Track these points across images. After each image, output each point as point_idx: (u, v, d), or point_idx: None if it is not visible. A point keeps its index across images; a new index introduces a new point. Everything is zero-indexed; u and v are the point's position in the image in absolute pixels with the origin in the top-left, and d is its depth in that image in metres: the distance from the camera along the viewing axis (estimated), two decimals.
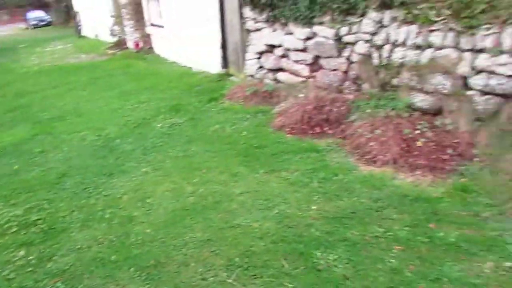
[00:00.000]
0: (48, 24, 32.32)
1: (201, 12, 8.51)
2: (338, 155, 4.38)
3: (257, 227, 3.27)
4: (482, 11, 3.74)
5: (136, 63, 11.02)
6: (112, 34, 14.30)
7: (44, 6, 34.01)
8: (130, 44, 13.08)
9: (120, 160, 4.85)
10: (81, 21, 20.20)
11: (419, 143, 3.91)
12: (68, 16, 26.91)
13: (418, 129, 4.11)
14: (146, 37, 12.24)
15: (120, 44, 13.83)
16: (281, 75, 6.50)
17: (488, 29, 3.74)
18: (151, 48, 12.20)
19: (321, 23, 5.54)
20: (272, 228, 3.24)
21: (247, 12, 6.97)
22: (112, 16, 14.31)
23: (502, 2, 3.61)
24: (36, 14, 33.43)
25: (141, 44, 12.35)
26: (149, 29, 11.95)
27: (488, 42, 3.76)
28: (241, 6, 7.09)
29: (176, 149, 4.99)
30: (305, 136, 4.90)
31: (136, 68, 10.44)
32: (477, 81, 3.89)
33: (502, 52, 3.67)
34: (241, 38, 7.38)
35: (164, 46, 11.22)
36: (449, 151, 3.79)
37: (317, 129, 4.95)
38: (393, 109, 4.44)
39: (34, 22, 32.14)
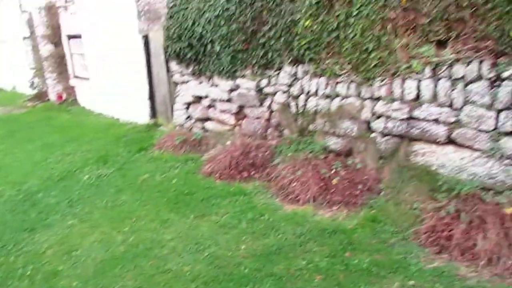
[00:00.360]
0: None
1: (129, 65, 8.69)
2: (264, 196, 4.67)
3: (189, 270, 3.37)
4: (375, 66, 4.42)
5: (59, 115, 10.70)
6: (32, 87, 13.78)
7: None
8: (53, 97, 12.68)
9: (43, 214, 4.69)
10: None
11: (334, 182, 4.36)
12: None
13: (333, 169, 4.57)
14: (70, 89, 12.00)
15: (41, 96, 13.34)
16: (209, 124, 6.81)
17: (382, 80, 4.42)
18: (75, 100, 11.94)
19: (243, 76, 6.02)
20: (203, 270, 3.36)
21: (174, 66, 7.32)
22: (32, 68, 13.87)
23: (390, 59, 4.31)
24: None
25: (64, 96, 12.05)
26: (73, 81, 11.77)
27: (382, 91, 4.42)
28: (167, 61, 7.42)
29: (104, 200, 4.95)
30: (233, 181, 5.16)
31: (59, 120, 10.13)
32: (377, 125, 4.50)
33: (394, 100, 4.33)
34: (169, 89, 7.65)
35: (90, 98, 11.07)
36: (360, 187, 4.27)
37: (245, 174, 5.24)
38: (311, 152, 4.90)
39: None
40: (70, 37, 11.22)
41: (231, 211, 4.38)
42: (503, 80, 3.60)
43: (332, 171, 4.55)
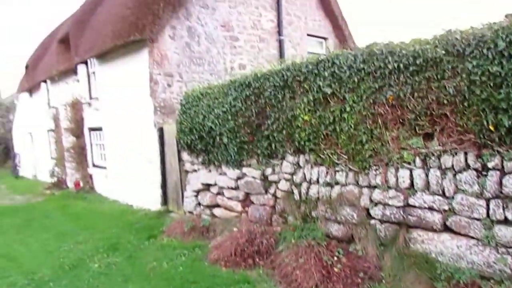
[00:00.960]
0: None
1: (143, 154, 9.24)
2: (268, 285, 4.71)
3: None
4: (370, 156, 4.73)
5: (75, 203, 11.08)
6: (52, 175, 14.44)
7: None
8: (71, 184, 13.24)
9: None
10: (20, 162, 20.19)
11: (336, 270, 4.41)
12: (6, 157, 26.69)
13: (335, 256, 4.65)
14: (88, 178, 12.56)
15: (60, 184, 13.94)
16: (217, 211, 7.04)
17: (377, 169, 4.69)
18: (92, 188, 12.43)
19: (249, 165, 6.38)
20: None
21: (185, 155, 7.79)
22: (53, 158, 14.66)
23: (382, 149, 4.63)
24: None
25: (81, 184, 12.57)
26: (91, 170, 12.37)
27: (378, 180, 4.66)
28: (179, 151, 7.92)
29: None
30: (238, 268, 5.23)
31: (75, 208, 10.47)
32: (376, 212, 4.67)
33: (389, 188, 4.55)
34: (180, 177, 8.04)
35: (106, 186, 11.54)
36: (361, 274, 4.31)
37: (250, 261, 5.32)
38: (313, 238, 5.02)
39: None
40: (91, 129, 12.07)
41: None
42: (489, 170, 3.83)
43: (334, 258, 4.62)
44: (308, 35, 12.82)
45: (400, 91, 4.42)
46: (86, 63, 11.75)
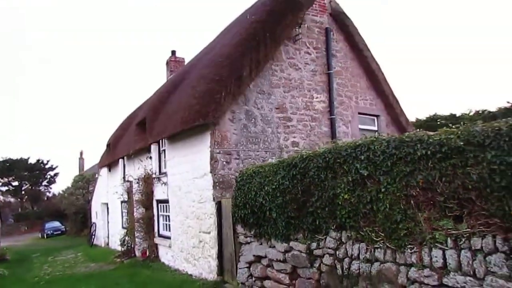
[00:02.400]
0: (62, 233, 34.69)
1: (203, 226, 10.04)
2: None
3: None
4: (405, 235, 5.04)
5: (141, 271, 11.99)
6: (122, 244, 15.70)
7: (61, 217, 37.03)
8: (138, 253, 14.31)
9: None
10: (95, 231, 22.02)
11: None
12: (83, 225, 29.09)
13: None
14: (153, 247, 13.55)
15: (129, 252, 15.08)
16: (267, 283, 7.44)
17: (412, 248, 4.97)
18: (157, 256, 13.35)
19: (296, 239, 6.85)
20: None
21: (239, 228, 8.45)
22: (124, 228, 16.04)
23: (416, 229, 4.94)
24: (52, 224, 36.29)
25: (147, 253, 13.56)
26: (157, 240, 13.39)
27: (413, 258, 4.92)
28: (234, 224, 8.62)
29: None
30: None
31: (141, 276, 11.35)
32: None
33: (424, 267, 4.78)
34: (234, 249, 8.63)
35: (169, 255, 12.39)
36: None
37: None
38: None
39: (49, 232, 34.60)
40: (159, 201, 13.30)
41: None
42: None
43: None
44: (360, 113, 13.51)
45: (429, 175, 4.83)
46: (158, 142, 13.36)
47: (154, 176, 13.54)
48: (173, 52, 21.92)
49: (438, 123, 23.37)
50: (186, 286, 9.47)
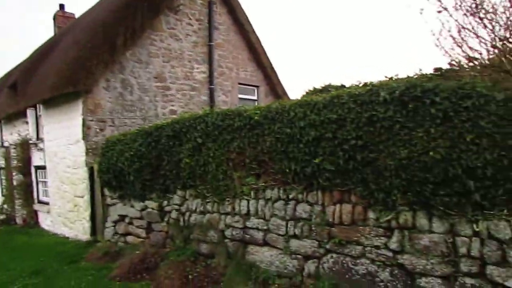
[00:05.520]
0: None
1: (78, 191, 10.49)
2: None
3: None
4: (224, 190, 6.26)
5: (18, 237, 12.02)
6: (1, 212, 15.28)
7: None
8: (19, 221, 14.17)
9: None
10: None
11: (191, 277, 5.81)
12: None
13: (196, 268, 6.06)
14: (33, 214, 13.56)
15: (9, 220, 14.78)
16: (129, 238, 8.34)
17: (228, 200, 6.21)
18: (37, 223, 13.42)
19: (151, 199, 7.79)
20: None
21: (106, 191, 9.14)
22: (3, 196, 15.58)
23: (232, 185, 6.16)
24: None
25: (27, 220, 13.54)
26: (36, 206, 13.40)
27: (229, 208, 6.17)
28: (103, 187, 9.26)
29: None
30: (129, 282, 6.53)
31: (16, 241, 11.42)
32: (227, 233, 6.16)
33: (235, 214, 6.06)
34: (103, 211, 9.32)
35: (49, 221, 12.59)
36: (207, 279, 5.74)
37: (139, 276, 6.65)
38: (186, 256, 6.42)
39: None
40: (37, 168, 13.23)
41: None
42: (289, 200, 5.41)
43: (196, 270, 6.02)
44: (240, 84, 14.59)
45: (242, 142, 6.01)
46: (35, 107, 13.07)
47: (31, 142, 13.32)
48: (62, 6, 20.07)
49: (330, 91, 25.79)
50: (59, 247, 9.94)
